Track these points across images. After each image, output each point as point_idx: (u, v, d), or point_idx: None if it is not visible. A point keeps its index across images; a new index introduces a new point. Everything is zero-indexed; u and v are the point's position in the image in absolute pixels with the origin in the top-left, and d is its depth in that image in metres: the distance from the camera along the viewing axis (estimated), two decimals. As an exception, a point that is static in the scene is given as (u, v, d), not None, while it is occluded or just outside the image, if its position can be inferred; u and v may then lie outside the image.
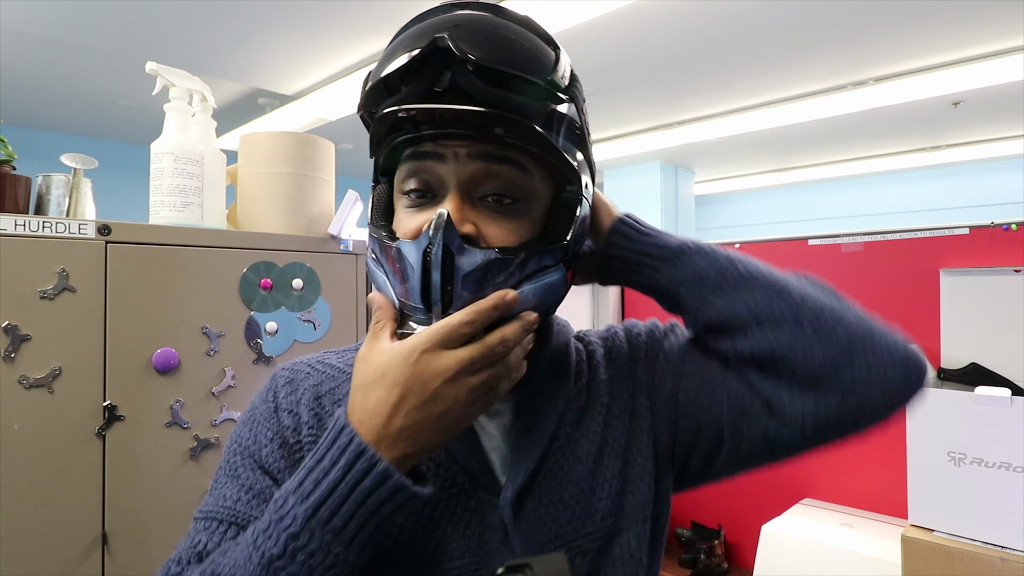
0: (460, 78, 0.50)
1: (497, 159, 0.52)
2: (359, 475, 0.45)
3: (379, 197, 0.60)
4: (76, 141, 5.24)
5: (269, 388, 0.61)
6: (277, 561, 0.44)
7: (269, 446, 0.56)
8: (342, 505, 0.45)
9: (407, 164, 0.54)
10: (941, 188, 6.55)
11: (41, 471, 1.10)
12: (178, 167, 1.30)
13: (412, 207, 0.55)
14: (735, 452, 0.59)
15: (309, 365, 0.62)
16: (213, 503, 0.55)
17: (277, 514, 0.46)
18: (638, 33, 3.15)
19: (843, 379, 0.54)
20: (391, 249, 0.53)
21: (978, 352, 1.53)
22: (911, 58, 3.49)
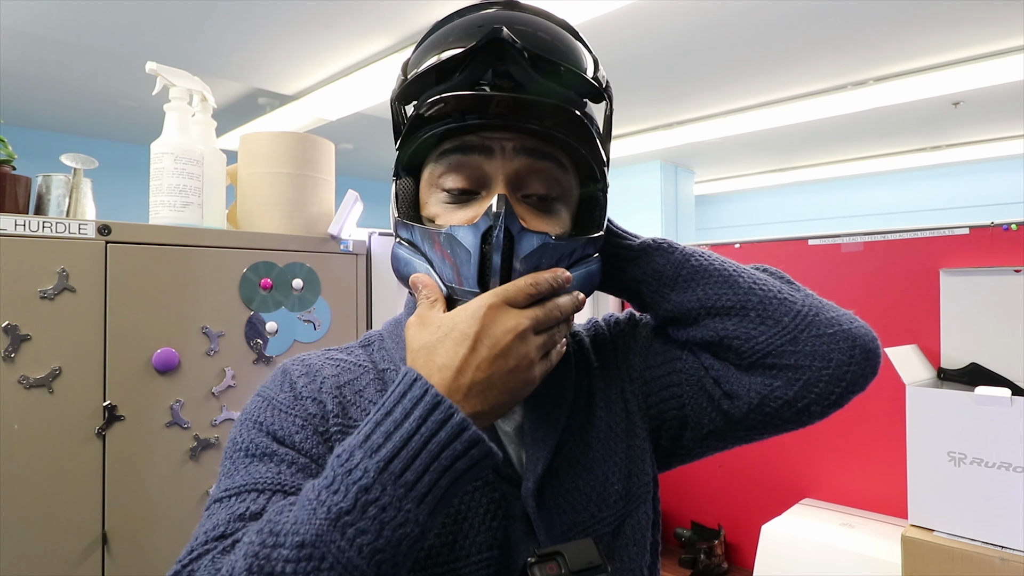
0: (515, 68, 0.51)
1: (541, 155, 0.55)
2: (434, 427, 0.43)
3: (404, 191, 0.59)
4: (76, 141, 5.24)
5: (283, 380, 0.59)
6: (346, 516, 0.41)
7: (301, 432, 0.54)
8: (415, 458, 0.43)
9: (448, 158, 0.55)
10: (941, 188, 6.55)
11: (41, 471, 1.10)
12: (178, 167, 1.30)
13: (453, 203, 0.55)
14: (698, 429, 0.63)
15: (320, 359, 0.61)
16: (244, 479, 0.51)
17: (343, 468, 0.43)
18: (638, 33, 3.15)
19: (788, 361, 0.58)
20: (439, 235, 0.53)
21: (978, 352, 1.53)
22: (911, 58, 3.49)
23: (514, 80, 0.52)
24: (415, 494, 0.43)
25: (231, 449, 0.55)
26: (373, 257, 1.61)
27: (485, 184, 0.55)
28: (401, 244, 0.58)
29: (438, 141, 0.55)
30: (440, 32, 0.56)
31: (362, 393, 0.58)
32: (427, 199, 0.57)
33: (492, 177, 0.54)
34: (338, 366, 0.60)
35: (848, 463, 1.83)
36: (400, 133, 0.57)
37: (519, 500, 0.56)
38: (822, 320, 0.58)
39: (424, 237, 0.55)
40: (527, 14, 0.56)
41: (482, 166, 0.54)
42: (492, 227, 0.51)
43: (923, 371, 1.56)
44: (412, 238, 0.56)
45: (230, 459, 0.54)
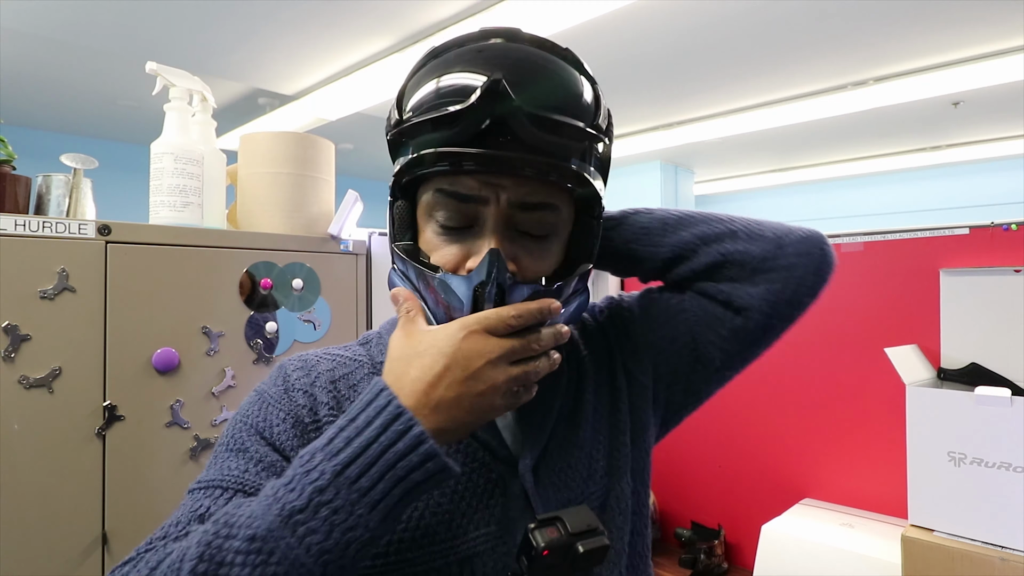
0: (514, 123, 0.52)
1: (533, 206, 0.56)
2: (394, 437, 0.45)
3: (400, 214, 0.60)
4: (76, 141, 5.24)
5: (278, 374, 0.61)
6: (299, 514, 0.43)
7: (281, 425, 0.56)
8: (372, 466, 0.45)
9: (443, 197, 0.55)
10: (941, 188, 6.55)
11: (41, 471, 1.10)
12: (178, 167, 1.30)
13: (446, 236, 0.57)
14: (710, 361, 0.68)
15: (317, 355, 0.63)
16: (216, 474, 0.54)
17: (303, 468, 0.45)
18: (638, 33, 3.15)
19: (783, 263, 0.66)
20: (433, 280, 0.55)
21: (978, 352, 1.53)
22: (911, 58, 3.49)
23: (514, 133, 0.52)
24: (368, 500, 0.44)
25: (219, 442, 0.58)
26: (373, 257, 1.61)
27: (478, 222, 0.55)
28: (396, 271, 0.60)
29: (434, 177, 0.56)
30: (439, 66, 0.56)
31: (356, 388, 0.60)
32: (423, 225, 0.58)
33: (485, 219, 0.55)
34: (334, 361, 0.62)
35: (848, 463, 1.83)
36: (393, 151, 0.59)
37: (516, 479, 0.59)
38: (790, 228, 0.69)
39: (419, 277, 0.57)
40: (529, 47, 0.57)
41: (477, 210, 0.55)
42: (484, 282, 0.52)
43: (923, 371, 1.56)
44: (407, 272, 0.58)
45: (215, 451, 0.57)
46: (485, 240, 0.55)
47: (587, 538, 0.51)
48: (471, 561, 0.56)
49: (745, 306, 0.66)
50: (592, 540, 0.51)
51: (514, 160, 0.52)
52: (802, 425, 1.92)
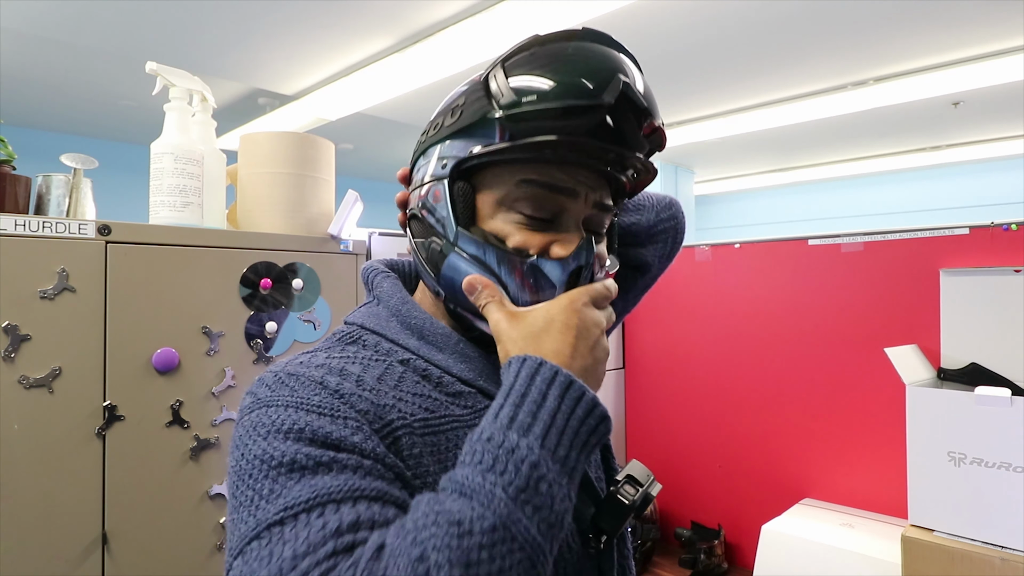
0: (627, 127, 0.55)
1: (607, 207, 0.61)
2: (571, 404, 0.46)
3: (461, 195, 0.58)
4: (76, 141, 5.24)
5: (304, 383, 0.51)
6: (522, 493, 0.42)
7: (359, 433, 0.47)
8: (562, 434, 0.45)
9: (534, 188, 0.56)
10: (941, 188, 6.55)
11: (41, 471, 1.10)
12: (178, 167, 1.30)
13: (530, 228, 0.57)
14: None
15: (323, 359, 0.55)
16: (307, 494, 0.42)
17: (501, 448, 0.43)
18: (638, 33, 3.15)
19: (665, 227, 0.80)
20: (523, 264, 0.56)
21: (978, 352, 1.53)
22: (911, 58, 3.49)
23: (622, 134, 0.55)
24: (567, 468, 0.45)
25: (262, 467, 0.45)
26: (373, 257, 1.61)
27: (561, 216, 0.58)
28: (463, 257, 0.57)
29: (518, 165, 0.56)
30: (552, 58, 0.56)
31: (400, 386, 0.55)
32: (493, 214, 0.57)
33: (571, 214, 0.58)
34: (356, 363, 0.55)
35: (848, 463, 1.83)
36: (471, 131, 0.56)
37: None
38: (662, 196, 0.80)
39: (502, 261, 0.56)
40: (620, 53, 0.58)
41: (564, 204, 0.57)
42: (581, 268, 0.56)
43: (923, 371, 1.56)
44: (483, 258, 0.56)
45: (268, 478, 0.44)
46: (571, 231, 0.57)
47: (652, 486, 0.58)
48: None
49: (645, 264, 0.80)
50: (654, 486, 0.58)
51: (627, 157, 0.57)
52: (802, 425, 1.92)
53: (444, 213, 0.58)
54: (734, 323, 2.10)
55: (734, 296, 2.11)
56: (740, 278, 2.09)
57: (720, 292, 2.14)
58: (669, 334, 2.29)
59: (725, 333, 2.13)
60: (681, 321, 2.25)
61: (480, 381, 0.59)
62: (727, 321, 2.12)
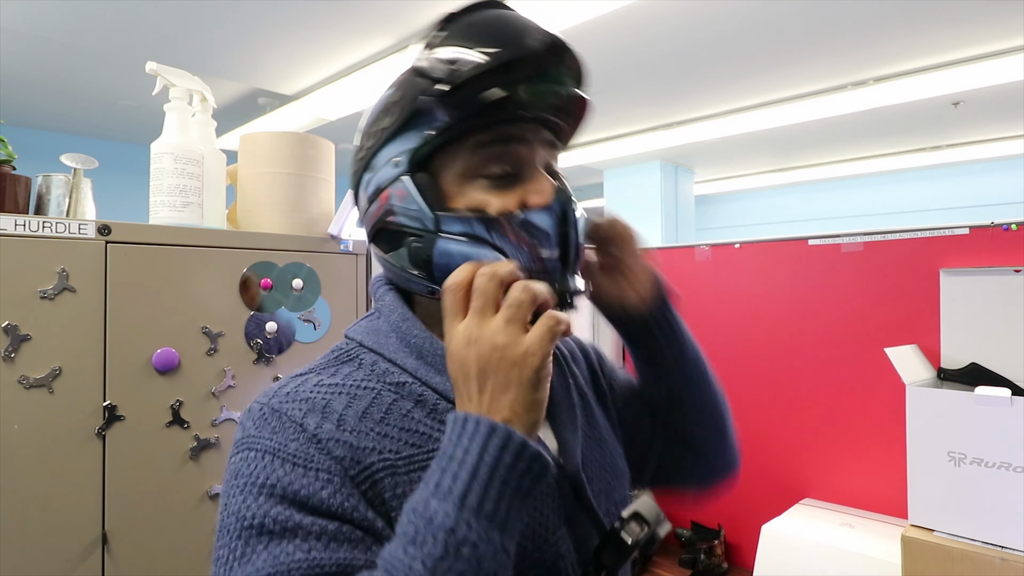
0: (554, 67, 0.57)
1: (555, 145, 0.62)
2: (497, 452, 0.44)
3: (426, 184, 0.57)
4: (76, 141, 5.24)
5: (283, 424, 0.51)
6: (442, 562, 0.41)
7: (328, 487, 0.48)
8: (487, 488, 0.43)
9: (491, 149, 0.57)
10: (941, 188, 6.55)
11: (41, 471, 1.10)
12: (178, 167, 1.30)
13: (498, 188, 0.57)
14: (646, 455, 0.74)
15: (312, 392, 0.55)
16: (269, 566, 0.44)
17: (420, 517, 0.43)
18: (638, 33, 3.15)
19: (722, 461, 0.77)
20: (511, 222, 0.55)
21: (978, 352, 1.53)
22: (911, 58, 3.49)
23: (556, 80, 0.57)
24: (497, 522, 0.43)
25: (235, 524, 0.47)
26: (373, 257, 1.61)
27: (522, 169, 0.58)
28: (452, 238, 0.55)
29: (469, 135, 0.57)
30: (473, 26, 0.57)
31: (387, 420, 0.54)
32: (462, 191, 0.57)
33: (529, 163, 0.58)
34: (343, 393, 0.54)
35: (848, 463, 1.83)
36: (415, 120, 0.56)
37: (566, 479, 0.60)
38: (733, 437, 0.79)
39: (492, 227, 0.55)
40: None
41: (521, 153, 0.58)
42: (566, 209, 0.57)
43: (923, 371, 1.56)
44: (472, 231, 0.55)
45: (239, 538, 0.46)
46: (538, 178, 0.58)
47: (660, 525, 0.56)
48: (556, 566, 0.55)
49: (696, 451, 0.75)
50: (663, 526, 0.56)
51: (574, 100, 0.59)
52: (802, 425, 1.92)
53: (415, 206, 0.56)
54: (734, 323, 2.10)
55: (734, 296, 2.11)
56: (740, 278, 2.09)
57: (720, 292, 2.14)
58: (669, 334, 2.29)
59: (725, 333, 2.13)
60: (681, 321, 2.25)
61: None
62: (727, 321, 2.12)
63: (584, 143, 5.39)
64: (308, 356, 1.44)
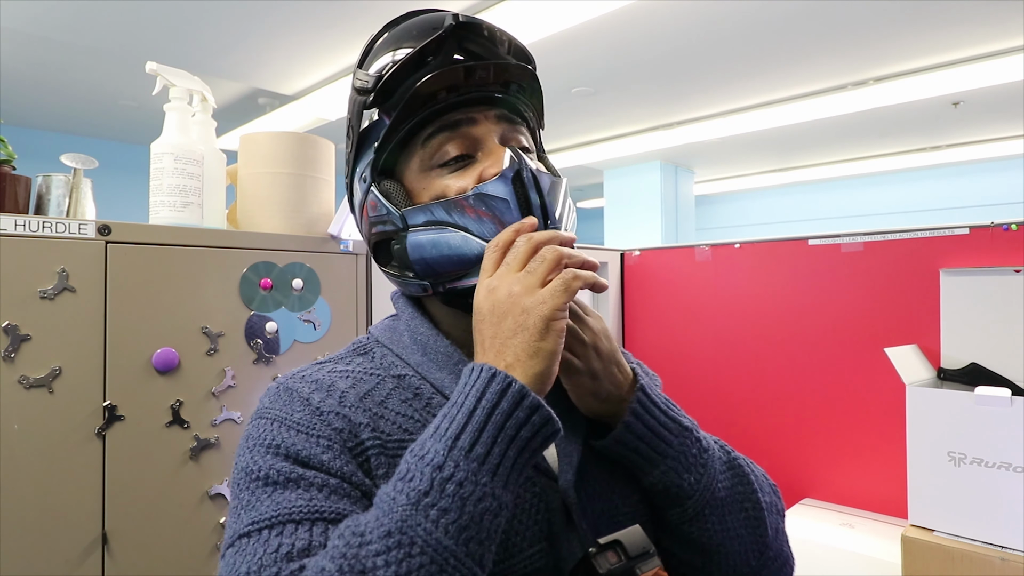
0: (476, 45, 0.58)
1: (513, 120, 0.61)
2: (495, 397, 0.45)
3: (390, 188, 0.60)
4: (76, 141, 5.24)
5: (292, 399, 0.55)
6: (426, 497, 0.42)
7: (328, 452, 0.51)
8: (481, 431, 0.44)
9: (438, 137, 0.58)
10: (941, 188, 6.55)
11: (41, 471, 1.10)
12: (178, 167, 1.30)
13: (456, 172, 0.58)
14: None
15: (322, 373, 0.58)
16: (273, 509, 0.47)
17: (415, 456, 0.44)
18: (638, 33, 3.15)
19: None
20: (467, 199, 0.56)
21: (978, 352, 1.53)
22: (911, 58, 3.49)
23: (478, 56, 0.58)
24: (488, 466, 0.43)
25: (244, 479, 0.50)
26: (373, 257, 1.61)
27: (478, 148, 0.59)
28: (419, 230, 0.57)
29: (417, 131, 0.59)
30: (394, 34, 0.61)
31: (386, 404, 0.57)
32: (423, 185, 0.59)
33: (483, 139, 0.59)
34: (349, 377, 0.58)
35: (848, 463, 1.83)
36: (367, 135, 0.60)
37: (556, 493, 0.57)
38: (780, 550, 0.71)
39: (450, 208, 0.56)
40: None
41: (472, 133, 0.58)
42: (519, 170, 0.55)
43: (923, 371, 1.56)
44: (434, 217, 0.57)
45: (247, 490, 0.50)
46: (491, 150, 0.58)
47: (643, 561, 0.51)
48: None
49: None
50: (648, 563, 0.51)
51: (498, 68, 0.58)
52: (802, 425, 1.92)
53: (384, 211, 0.59)
54: (734, 323, 2.10)
55: (734, 296, 2.11)
56: (740, 278, 2.09)
57: (720, 292, 2.14)
58: (669, 334, 2.29)
59: (725, 333, 2.13)
60: (681, 321, 2.25)
61: None
62: (727, 321, 2.12)
63: (584, 143, 5.39)
64: (308, 356, 1.44)
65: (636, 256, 2.36)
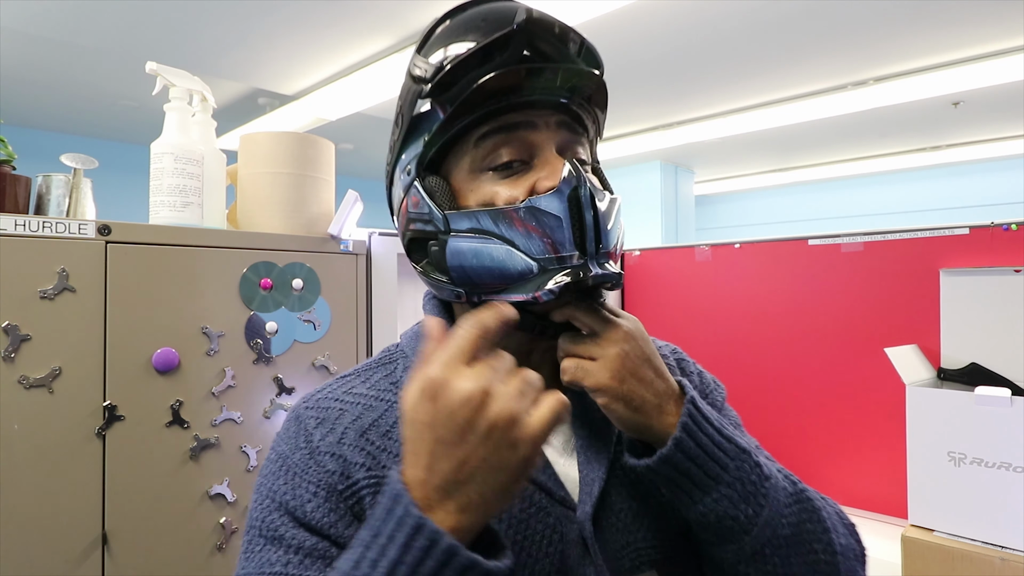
0: (548, 46, 0.53)
1: (576, 130, 0.58)
2: (419, 555, 0.38)
3: (436, 185, 0.56)
4: (76, 141, 5.24)
5: (298, 432, 0.55)
6: None
7: (313, 500, 0.51)
8: None
9: (494, 138, 0.54)
10: (941, 188, 6.55)
11: (41, 471, 1.10)
12: (178, 167, 1.30)
13: (507, 178, 0.55)
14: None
15: (336, 399, 0.57)
16: (256, 567, 0.49)
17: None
18: (638, 33, 3.15)
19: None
20: (517, 211, 0.52)
21: (978, 352, 1.53)
22: (911, 58, 3.49)
23: (547, 58, 0.53)
24: None
25: (249, 524, 0.53)
26: (373, 257, 1.61)
27: (534, 155, 0.55)
28: (461, 236, 0.53)
29: (471, 129, 0.55)
30: (459, 22, 0.56)
31: (390, 434, 0.54)
32: (471, 187, 0.55)
33: (541, 147, 0.55)
34: (359, 404, 0.56)
35: (848, 463, 1.83)
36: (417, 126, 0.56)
37: (574, 524, 0.53)
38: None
39: (498, 219, 0.52)
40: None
41: (529, 138, 0.55)
42: (576, 187, 0.51)
43: (923, 371, 1.56)
44: (479, 225, 0.53)
45: (248, 536, 0.52)
46: (551, 162, 0.54)
47: None
48: None
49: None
50: None
51: (569, 72, 0.54)
52: (802, 425, 1.92)
53: (427, 210, 0.55)
54: (734, 323, 2.10)
55: (734, 296, 2.11)
56: (740, 278, 2.09)
57: (720, 292, 2.14)
58: (669, 334, 2.29)
59: (725, 333, 2.13)
60: (681, 321, 2.25)
61: None
62: (727, 321, 2.12)
63: (584, 143, 5.37)
64: (308, 356, 1.45)
65: (636, 256, 2.35)
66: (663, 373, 0.54)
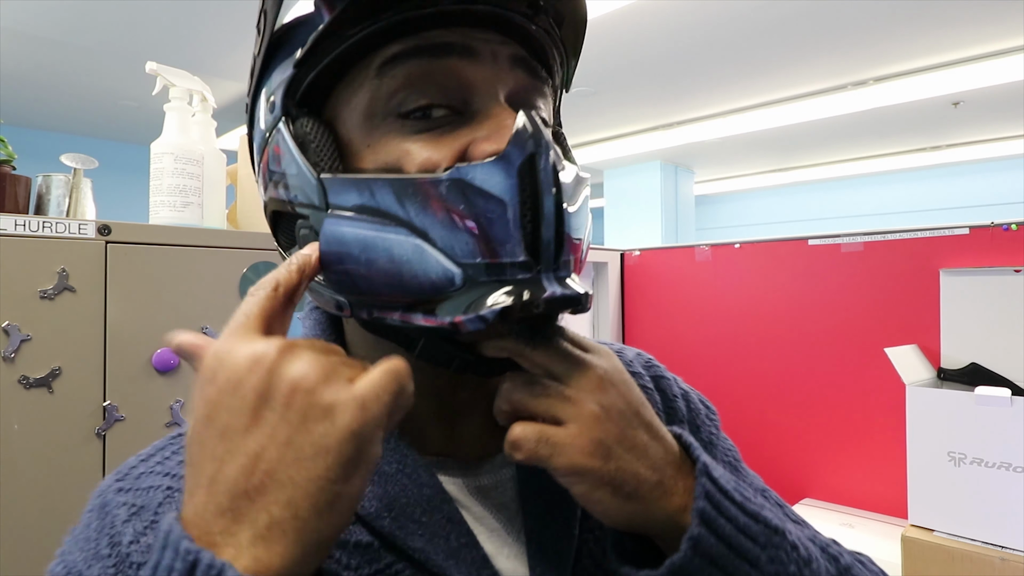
0: None
1: (537, 72, 0.38)
2: None
3: (311, 131, 0.36)
4: (76, 141, 5.24)
5: (101, 534, 0.41)
6: None
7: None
8: None
9: (405, 65, 0.35)
10: (941, 188, 6.56)
11: (41, 471, 1.10)
12: (178, 167, 1.30)
13: (423, 132, 0.35)
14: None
15: (162, 477, 0.43)
16: None
17: None
18: (638, 33, 3.15)
19: None
20: (437, 185, 0.32)
21: (978, 352, 1.53)
22: (911, 58, 3.49)
23: None
24: None
25: None
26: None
27: (470, 100, 0.36)
28: (345, 216, 0.35)
29: (373, 49, 0.35)
30: None
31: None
32: (368, 140, 0.36)
33: (482, 89, 0.36)
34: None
35: (848, 463, 1.83)
36: (289, 35, 0.36)
37: None
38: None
39: (405, 193, 0.33)
40: None
41: (465, 72, 0.35)
42: (533, 154, 0.32)
43: (923, 371, 1.56)
44: (374, 202, 0.34)
45: None
46: (496, 114, 0.35)
47: None
48: None
49: None
50: None
51: None
52: (802, 425, 1.92)
53: (294, 169, 0.36)
54: (734, 323, 2.10)
55: (734, 296, 2.11)
56: (740, 278, 2.09)
57: (720, 292, 2.14)
58: (669, 334, 2.29)
59: (725, 333, 2.13)
60: (681, 321, 2.25)
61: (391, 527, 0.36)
62: (727, 321, 2.12)
63: (584, 143, 5.39)
64: (308, 356, 1.44)
65: (636, 256, 2.36)
66: (657, 430, 0.36)
